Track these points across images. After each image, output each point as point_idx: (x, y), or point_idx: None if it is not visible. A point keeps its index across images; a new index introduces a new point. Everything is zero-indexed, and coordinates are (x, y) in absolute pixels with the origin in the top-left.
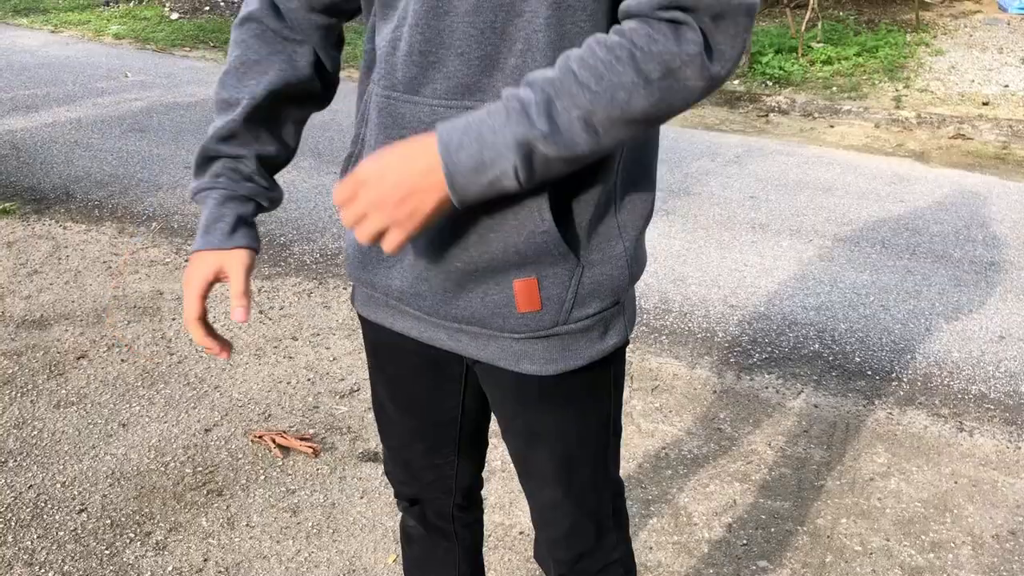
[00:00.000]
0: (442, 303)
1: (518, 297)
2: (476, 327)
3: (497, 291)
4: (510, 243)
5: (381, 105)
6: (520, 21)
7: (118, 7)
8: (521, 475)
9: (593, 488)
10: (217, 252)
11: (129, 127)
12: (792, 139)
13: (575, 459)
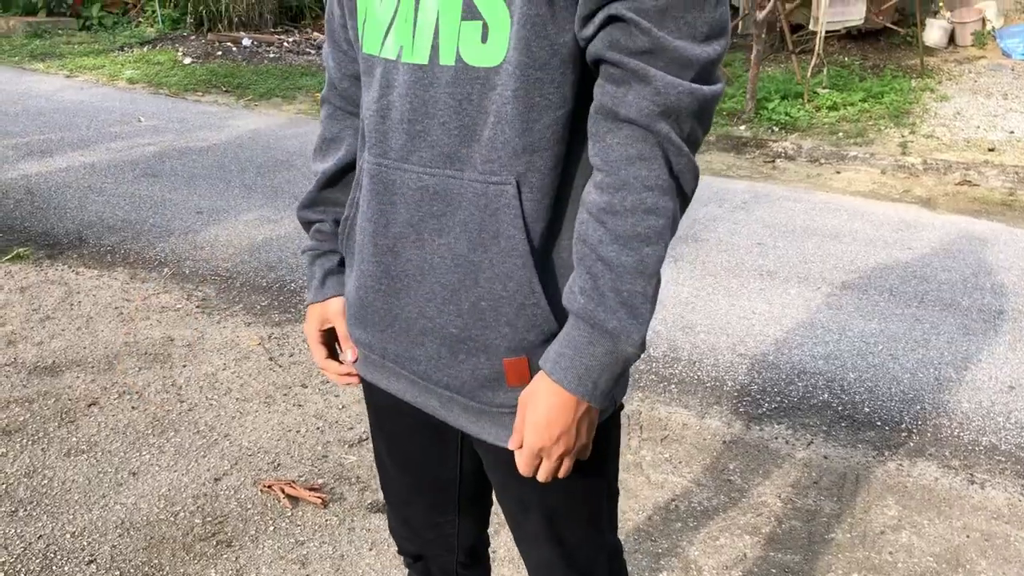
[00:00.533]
0: (435, 368)
1: (508, 372)
2: (466, 398)
3: (487, 366)
4: (502, 312)
5: (373, 172)
6: (493, 94)
7: (132, 52)
8: (515, 537)
9: (588, 551)
10: (317, 305)
11: (142, 172)
12: (799, 185)
13: (569, 524)
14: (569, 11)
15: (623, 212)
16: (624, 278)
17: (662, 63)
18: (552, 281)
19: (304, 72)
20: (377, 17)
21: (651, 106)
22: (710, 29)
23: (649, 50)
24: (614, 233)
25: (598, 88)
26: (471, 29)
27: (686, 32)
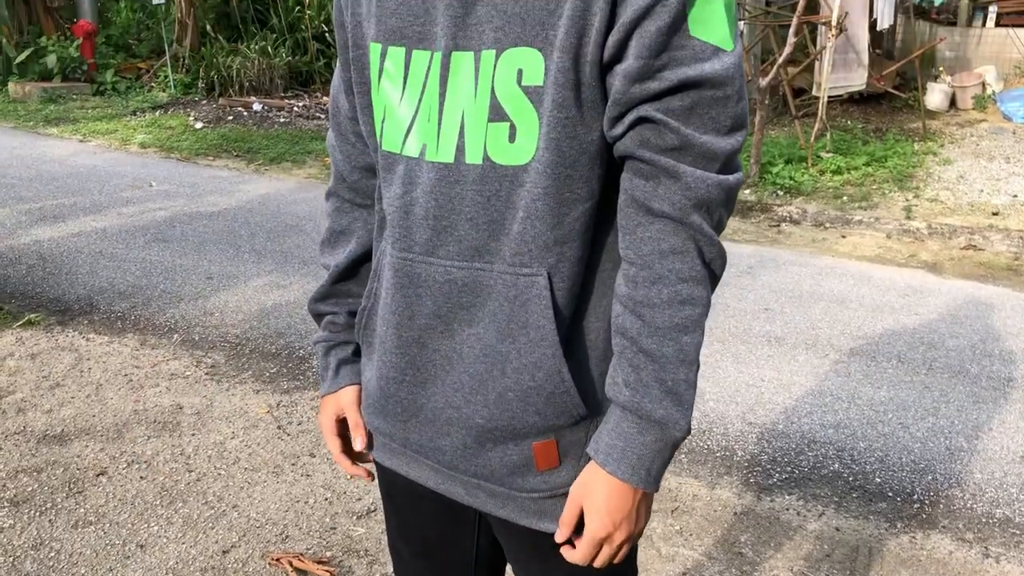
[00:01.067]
0: (461, 458)
1: (537, 457)
2: (494, 484)
3: (516, 452)
4: (530, 402)
5: (397, 266)
6: (522, 190)
7: (144, 116)
8: None
9: None
10: (332, 396)
11: (153, 237)
12: (804, 249)
13: None
14: (597, 110)
15: (660, 305)
16: (667, 368)
17: (690, 158)
18: (580, 366)
19: (314, 136)
20: (397, 116)
21: (683, 200)
22: (733, 122)
23: (678, 147)
24: (652, 325)
25: (627, 182)
26: (498, 130)
27: (711, 127)
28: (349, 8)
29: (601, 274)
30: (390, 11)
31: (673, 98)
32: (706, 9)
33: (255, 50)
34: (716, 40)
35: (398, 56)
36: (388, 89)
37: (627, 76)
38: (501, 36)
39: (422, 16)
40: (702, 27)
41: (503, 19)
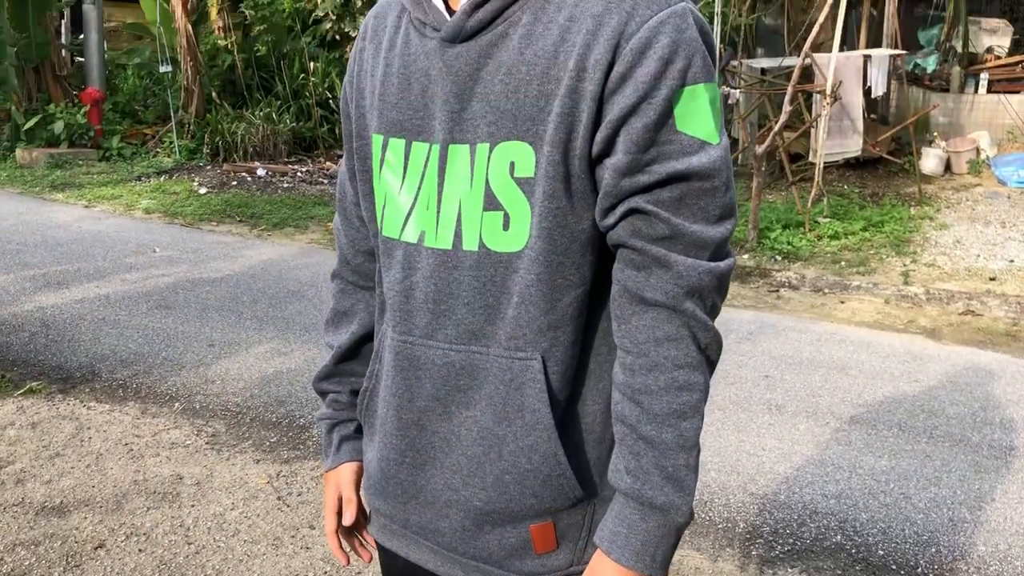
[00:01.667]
0: (460, 540)
1: (535, 539)
2: (493, 567)
3: (514, 534)
4: (527, 485)
5: (397, 349)
6: (516, 276)
7: (149, 182)
8: None
9: None
10: (332, 472)
11: (156, 304)
12: (804, 315)
13: None
14: (587, 201)
15: (657, 391)
16: (667, 454)
17: (681, 247)
18: (576, 449)
19: (316, 202)
20: (397, 203)
21: (675, 288)
22: (722, 211)
23: (669, 236)
24: (651, 412)
25: (619, 272)
26: (493, 219)
27: (701, 216)
28: (354, 101)
29: (596, 358)
30: (391, 105)
31: (663, 190)
32: (691, 105)
33: (260, 116)
34: (702, 134)
35: (398, 147)
36: (389, 178)
37: (617, 170)
38: (494, 130)
39: (421, 110)
40: (688, 122)
41: (496, 115)
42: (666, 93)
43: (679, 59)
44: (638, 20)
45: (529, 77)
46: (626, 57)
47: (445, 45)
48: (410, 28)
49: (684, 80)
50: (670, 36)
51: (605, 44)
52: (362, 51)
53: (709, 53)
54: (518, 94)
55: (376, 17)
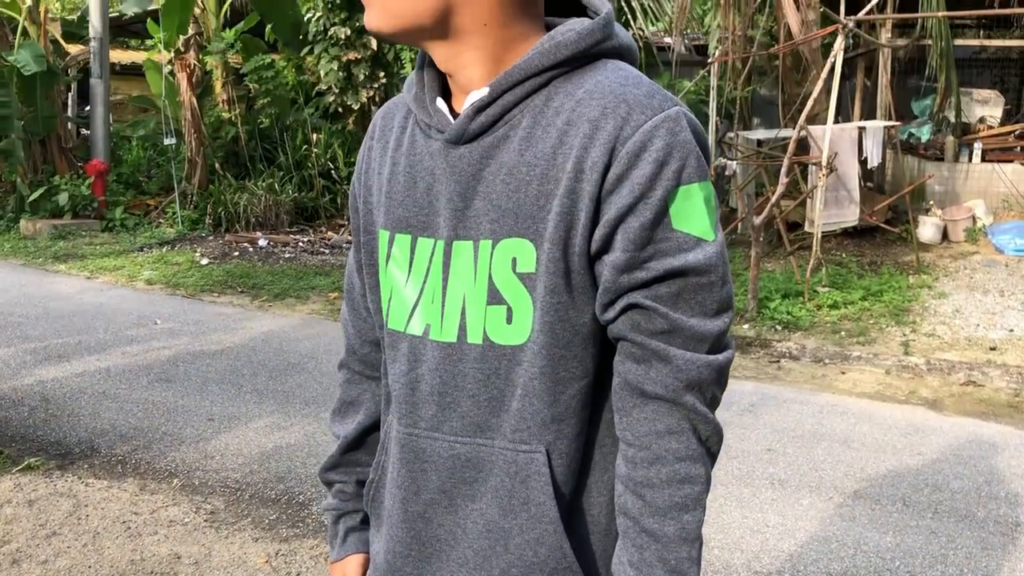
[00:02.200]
0: None
1: None
2: None
3: None
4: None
5: (403, 441)
6: (520, 369)
7: (151, 252)
8: None
9: None
10: (338, 563)
11: (156, 377)
12: (805, 386)
13: None
14: (587, 295)
15: (659, 484)
16: (669, 547)
17: (680, 340)
18: (582, 541)
19: (318, 272)
20: (403, 296)
21: (675, 382)
22: (719, 305)
23: (668, 331)
24: (653, 505)
25: (620, 365)
26: (496, 312)
27: (699, 311)
28: (362, 197)
29: (601, 449)
30: (397, 202)
31: (660, 285)
32: (687, 204)
33: (262, 187)
34: (698, 232)
35: (404, 243)
36: (395, 272)
37: (615, 267)
38: (497, 228)
39: (426, 207)
40: (684, 220)
41: (498, 213)
42: (661, 193)
43: (673, 161)
44: (633, 124)
45: (529, 178)
46: (622, 160)
47: (449, 146)
48: (416, 129)
49: (679, 180)
50: (664, 139)
51: (602, 147)
52: (370, 149)
53: (703, 153)
54: (519, 193)
55: (384, 117)
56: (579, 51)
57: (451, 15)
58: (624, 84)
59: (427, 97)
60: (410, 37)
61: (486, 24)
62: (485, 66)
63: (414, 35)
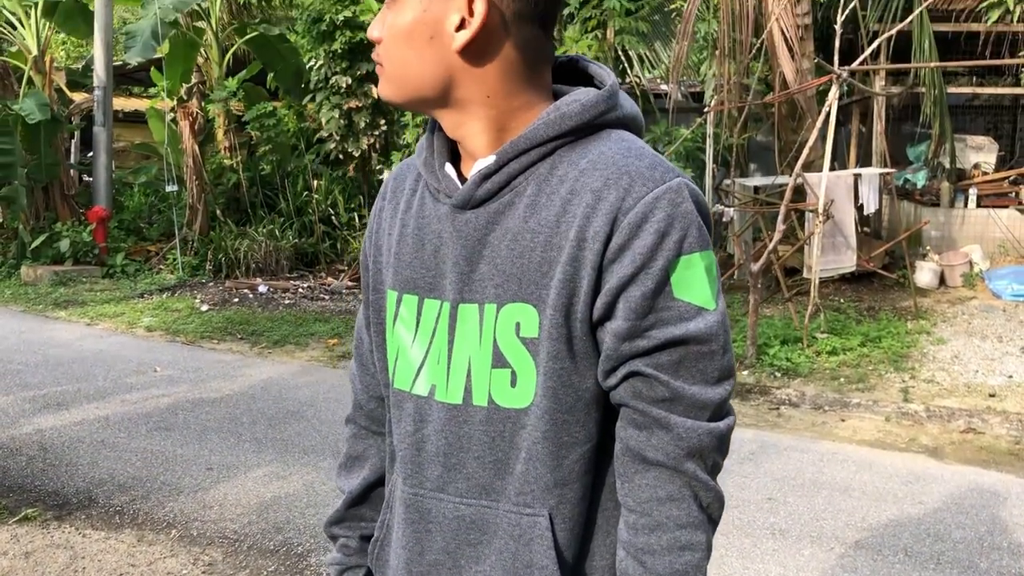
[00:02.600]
0: None
1: None
2: None
3: None
4: None
5: (408, 501)
6: (524, 432)
7: (152, 299)
8: None
9: None
10: None
11: (155, 425)
12: (805, 433)
13: None
14: (590, 360)
15: (660, 551)
16: None
17: (681, 408)
18: None
19: (317, 318)
20: (409, 357)
21: (676, 450)
22: (720, 373)
23: (669, 398)
24: (654, 572)
25: (622, 431)
26: (501, 375)
27: (700, 379)
28: (372, 255)
29: (604, 513)
30: (406, 263)
31: (661, 354)
32: (687, 273)
33: (263, 233)
34: (699, 301)
35: (412, 303)
36: (402, 332)
37: (617, 335)
38: (501, 292)
39: (433, 269)
40: (685, 289)
41: (502, 277)
42: (662, 264)
43: (675, 231)
44: (635, 196)
45: (533, 244)
46: (624, 230)
47: (456, 211)
48: (425, 192)
49: (680, 250)
50: (665, 211)
51: (604, 217)
52: (381, 210)
53: (704, 222)
54: (523, 259)
55: (396, 179)
56: (583, 122)
57: (453, 87)
58: (627, 155)
59: (436, 162)
60: (419, 106)
61: (489, 96)
62: (490, 134)
63: (422, 104)
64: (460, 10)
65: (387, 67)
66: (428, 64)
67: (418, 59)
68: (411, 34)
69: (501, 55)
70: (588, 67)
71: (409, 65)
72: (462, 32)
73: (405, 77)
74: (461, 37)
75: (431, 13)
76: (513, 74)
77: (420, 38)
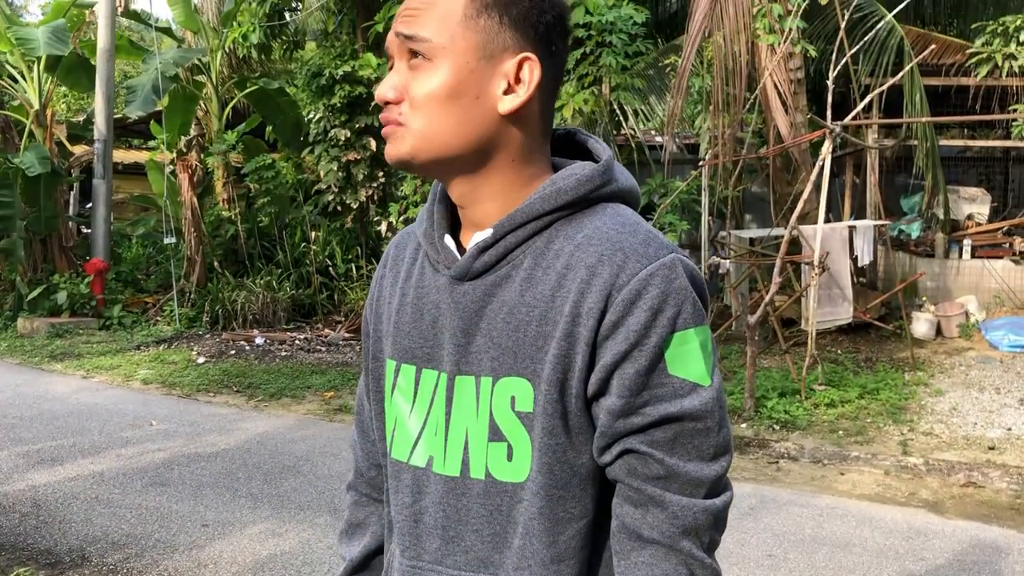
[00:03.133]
0: None
1: None
2: None
3: None
4: None
5: (407, 574)
6: (520, 507)
7: (148, 351)
8: None
9: None
10: None
11: (150, 480)
12: (804, 488)
13: None
14: (586, 436)
15: None
16: None
17: (676, 486)
18: None
19: (314, 370)
20: (407, 427)
21: (671, 528)
22: (716, 450)
23: (664, 476)
24: None
25: (618, 508)
26: (498, 449)
27: (695, 456)
28: (372, 323)
29: None
30: (404, 333)
31: (656, 431)
32: (682, 349)
33: (260, 284)
34: (694, 377)
35: (409, 373)
36: (400, 402)
37: (611, 412)
38: (496, 365)
39: (431, 340)
40: (680, 365)
41: (498, 351)
42: (656, 340)
43: (668, 308)
44: (628, 272)
45: (529, 318)
46: (617, 307)
47: (454, 282)
48: (425, 262)
49: (674, 327)
50: (659, 287)
51: (598, 293)
52: (382, 278)
53: (700, 297)
54: (518, 333)
55: (396, 247)
56: (579, 196)
57: (487, 150)
58: (621, 231)
59: (436, 233)
60: (440, 168)
61: (513, 160)
62: (501, 202)
63: (445, 166)
64: (508, 74)
65: (415, 126)
66: (469, 125)
67: (459, 119)
68: (456, 93)
69: (530, 122)
70: (587, 141)
71: (446, 124)
72: (511, 96)
73: (438, 136)
74: (511, 101)
75: (478, 74)
76: (533, 142)
77: (466, 97)
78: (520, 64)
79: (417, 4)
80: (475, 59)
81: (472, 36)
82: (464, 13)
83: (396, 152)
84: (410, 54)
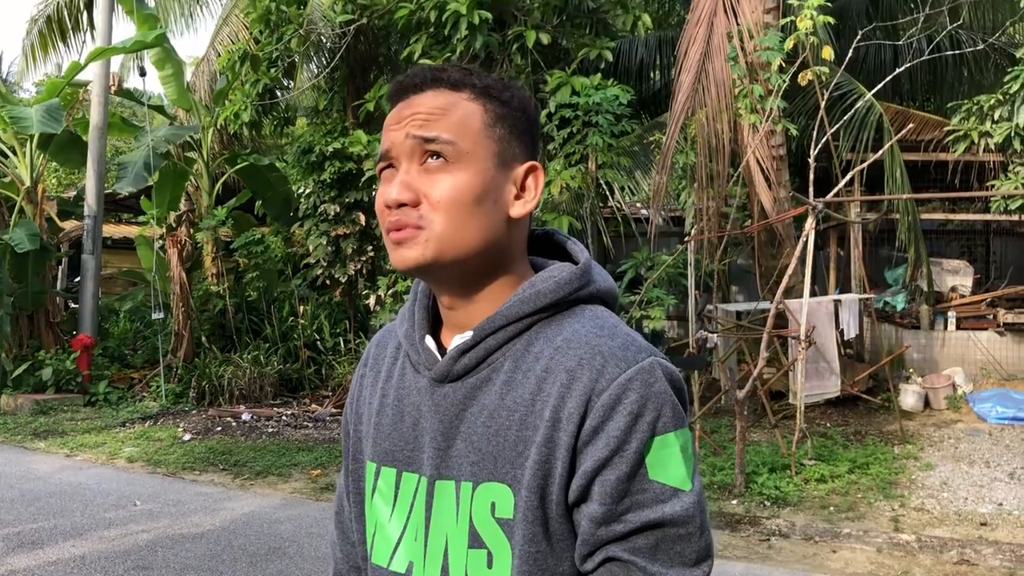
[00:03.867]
0: None
1: None
2: None
3: None
4: None
5: None
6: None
7: (134, 428)
8: None
9: None
10: None
11: (133, 564)
12: (797, 566)
13: None
14: (567, 543)
15: None
16: None
17: None
18: None
19: (300, 447)
20: (387, 532)
21: None
22: (698, 555)
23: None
24: None
25: None
26: (477, 556)
27: (677, 561)
28: (353, 423)
29: None
30: (385, 435)
31: (638, 538)
32: (662, 453)
33: (248, 359)
34: (675, 482)
35: (390, 476)
36: (380, 505)
37: (593, 519)
38: (476, 470)
39: (411, 443)
40: (660, 470)
41: (478, 455)
42: (636, 446)
43: (648, 412)
44: (607, 378)
45: (509, 423)
46: (597, 412)
47: (435, 384)
48: (406, 362)
49: (654, 431)
50: (638, 392)
51: (577, 399)
52: (363, 377)
53: (679, 399)
54: (499, 437)
55: (377, 346)
56: (558, 299)
57: (497, 252)
58: (599, 335)
59: (417, 334)
60: (455, 270)
61: (510, 262)
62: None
63: (461, 268)
64: (516, 181)
65: (438, 229)
66: (489, 228)
67: (482, 223)
68: (481, 198)
69: (525, 225)
70: (565, 243)
71: (471, 227)
72: (522, 201)
73: (463, 240)
74: (522, 206)
75: (497, 180)
76: (523, 245)
77: (487, 202)
78: (527, 171)
79: (431, 109)
80: (494, 165)
81: (491, 144)
82: (483, 121)
83: (416, 256)
84: (426, 156)
